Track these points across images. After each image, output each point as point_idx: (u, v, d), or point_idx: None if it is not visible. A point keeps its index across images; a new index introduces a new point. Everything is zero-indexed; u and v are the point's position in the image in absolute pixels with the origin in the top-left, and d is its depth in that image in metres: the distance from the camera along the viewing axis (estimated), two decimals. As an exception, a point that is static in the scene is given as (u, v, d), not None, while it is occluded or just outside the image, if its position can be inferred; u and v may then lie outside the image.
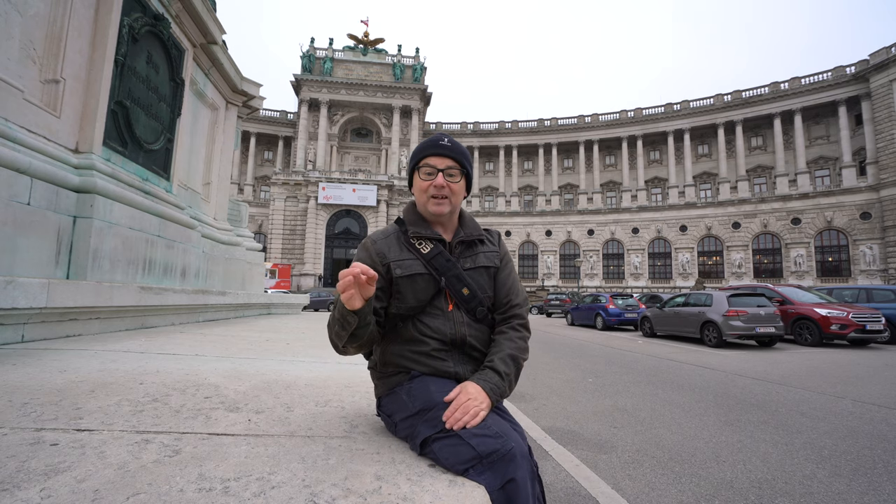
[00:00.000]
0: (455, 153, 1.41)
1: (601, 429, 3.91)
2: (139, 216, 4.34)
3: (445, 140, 1.42)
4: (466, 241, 1.46)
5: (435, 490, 1.02)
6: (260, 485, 1.01)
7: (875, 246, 35.10)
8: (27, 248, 3.05)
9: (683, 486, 2.73)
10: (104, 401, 1.65)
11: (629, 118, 48.37)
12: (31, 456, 1.11)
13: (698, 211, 43.20)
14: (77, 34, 3.75)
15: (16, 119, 3.19)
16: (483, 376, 1.27)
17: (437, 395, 1.23)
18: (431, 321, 1.36)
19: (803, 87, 40.73)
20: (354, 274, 1.11)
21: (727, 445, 3.45)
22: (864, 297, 13.10)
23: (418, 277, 1.36)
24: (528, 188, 52.27)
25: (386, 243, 1.40)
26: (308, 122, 47.16)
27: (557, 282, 46.75)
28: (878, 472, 2.94)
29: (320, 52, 49.09)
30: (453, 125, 53.62)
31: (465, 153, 1.44)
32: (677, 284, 41.69)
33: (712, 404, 4.79)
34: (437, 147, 1.40)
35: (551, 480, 2.78)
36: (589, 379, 6.38)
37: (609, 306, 17.00)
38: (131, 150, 4.53)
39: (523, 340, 1.41)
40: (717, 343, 10.61)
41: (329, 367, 2.79)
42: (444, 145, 1.41)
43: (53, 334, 3.16)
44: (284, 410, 1.69)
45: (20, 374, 2.00)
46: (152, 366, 2.42)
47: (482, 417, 1.15)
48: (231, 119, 7.77)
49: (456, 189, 1.41)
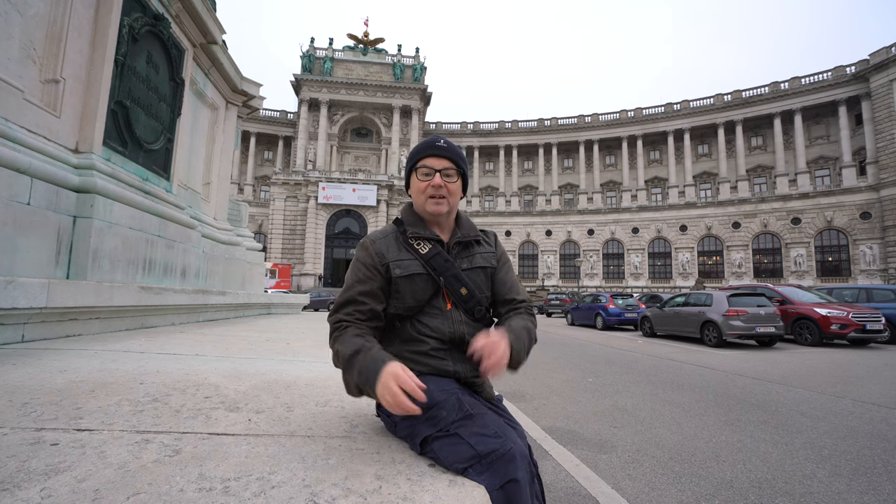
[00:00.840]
0: (451, 154, 1.43)
1: (601, 429, 3.91)
2: (139, 216, 4.34)
3: (442, 142, 1.44)
4: (463, 242, 1.47)
5: (435, 490, 1.02)
6: (260, 484, 1.01)
7: (875, 246, 35.10)
8: (27, 248, 3.05)
9: (683, 485, 2.73)
10: (104, 401, 1.65)
11: (629, 118, 48.36)
12: (32, 456, 1.11)
13: (698, 211, 43.20)
14: (77, 34, 3.74)
15: (16, 119, 3.19)
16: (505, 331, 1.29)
17: (437, 395, 1.23)
18: (430, 321, 1.37)
19: (803, 86, 40.72)
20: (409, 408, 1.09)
21: (727, 445, 3.45)
22: (864, 296, 13.10)
23: (417, 277, 1.37)
24: (528, 188, 52.26)
25: (384, 243, 1.41)
26: (308, 121, 47.15)
27: (557, 282, 46.75)
28: (878, 472, 2.94)
29: (320, 52, 49.08)
30: (453, 125, 53.61)
31: (461, 154, 1.47)
32: (677, 284, 41.69)
33: (712, 404, 4.79)
34: (434, 148, 1.43)
35: (551, 480, 2.78)
36: (589, 379, 6.39)
37: (609, 306, 17.00)
38: (131, 150, 4.53)
39: (533, 324, 1.44)
40: (717, 343, 10.61)
41: (329, 367, 2.78)
42: (441, 146, 1.43)
43: (53, 334, 3.16)
44: (284, 410, 1.69)
45: (20, 374, 2.00)
46: (152, 366, 2.42)
47: (503, 367, 1.21)
48: (231, 119, 7.77)
49: (453, 189, 1.43)
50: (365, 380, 1.16)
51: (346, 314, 1.34)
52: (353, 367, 1.21)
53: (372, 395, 1.16)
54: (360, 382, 1.19)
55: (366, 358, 1.19)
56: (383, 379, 1.11)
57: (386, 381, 1.10)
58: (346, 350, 1.23)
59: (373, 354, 1.20)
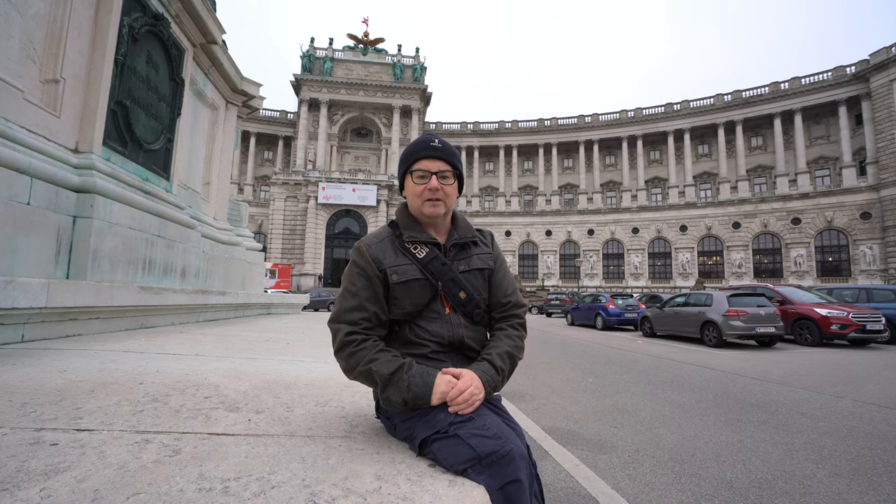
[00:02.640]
0: (447, 155, 1.40)
1: (601, 429, 3.91)
2: (139, 216, 4.34)
3: (436, 141, 1.41)
4: (460, 244, 1.46)
5: (435, 490, 1.02)
6: (260, 485, 1.01)
7: (875, 246, 35.10)
8: (27, 248, 3.04)
9: (683, 485, 2.73)
10: (104, 401, 1.65)
11: (629, 118, 48.37)
12: (31, 456, 1.11)
13: (698, 211, 43.20)
14: (77, 34, 3.74)
15: (16, 119, 3.19)
16: (482, 367, 1.30)
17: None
18: (429, 325, 1.36)
19: (803, 87, 40.73)
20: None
21: (727, 445, 3.45)
22: (864, 296, 13.09)
23: (414, 283, 1.35)
24: (528, 188, 52.26)
25: (380, 248, 1.38)
26: (308, 121, 47.15)
27: (557, 282, 46.75)
28: (878, 472, 2.94)
29: (320, 52, 49.08)
30: (453, 125, 53.60)
31: (456, 154, 1.44)
32: (677, 284, 41.69)
33: (712, 404, 4.79)
34: (429, 150, 1.39)
35: (551, 480, 2.78)
36: (589, 379, 6.38)
37: (609, 306, 16.99)
38: (131, 150, 4.53)
39: (520, 339, 1.43)
40: (717, 343, 10.60)
41: (329, 367, 2.78)
42: (436, 147, 1.40)
43: (53, 334, 3.16)
44: (284, 410, 1.69)
45: (20, 374, 2.00)
46: (152, 366, 2.42)
47: (477, 406, 1.21)
48: (231, 119, 7.77)
49: (449, 192, 1.41)
50: (416, 396, 1.20)
51: (354, 324, 1.30)
52: (398, 384, 1.22)
53: (425, 405, 1.21)
54: (410, 398, 1.21)
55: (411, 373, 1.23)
56: (442, 388, 1.20)
57: (444, 390, 1.21)
58: (384, 369, 1.23)
59: (418, 370, 1.24)
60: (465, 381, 1.22)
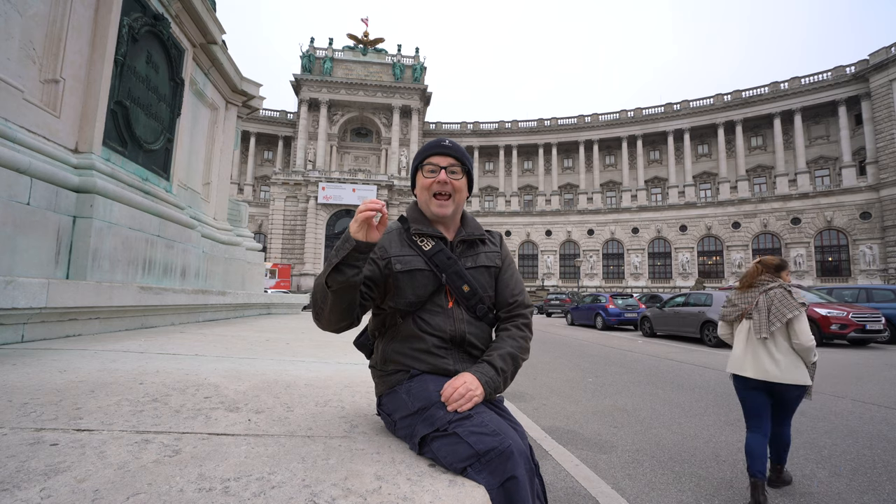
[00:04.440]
0: (456, 152, 1.47)
1: (601, 429, 3.91)
2: (139, 216, 4.34)
3: (447, 142, 1.48)
4: (468, 240, 1.48)
5: (435, 490, 1.02)
6: (260, 485, 1.01)
7: (875, 246, 35.10)
8: (27, 248, 3.04)
9: (683, 486, 2.73)
10: (104, 401, 1.65)
11: (629, 118, 48.36)
12: (31, 456, 1.11)
13: (698, 211, 43.19)
14: (77, 34, 3.74)
15: (16, 119, 3.19)
16: (480, 369, 1.31)
17: (436, 394, 1.24)
18: (431, 318, 1.37)
19: (803, 86, 40.72)
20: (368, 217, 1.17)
21: (727, 445, 3.45)
22: (864, 296, 13.10)
23: (418, 273, 1.38)
24: (528, 188, 52.25)
25: (387, 238, 1.42)
26: (308, 121, 47.14)
27: (557, 282, 46.75)
28: (878, 471, 2.94)
29: (320, 52, 49.07)
30: (453, 125, 53.59)
31: (465, 153, 1.50)
32: (677, 284, 41.68)
33: (712, 404, 4.79)
34: (440, 147, 1.46)
35: (551, 480, 2.78)
36: (589, 379, 6.38)
37: (609, 306, 17.00)
38: (131, 150, 4.53)
39: (525, 340, 1.43)
40: (717, 343, 10.59)
41: (329, 367, 2.79)
42: (446, 146, 1.47)
43: (53, 334, 3.16)
44: (284, 410, 1.69)
45: (20, 374, 2.00)
46: (152, 366, 2.42)
47: (475, 402, 1.20)
48: (231, 119, 7.77)
49: (458, 186, 1.45)
50: (342, 243, 1.19)
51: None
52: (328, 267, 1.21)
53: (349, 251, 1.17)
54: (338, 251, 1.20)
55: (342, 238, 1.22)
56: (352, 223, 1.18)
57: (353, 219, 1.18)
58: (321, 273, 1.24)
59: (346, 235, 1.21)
60: (458, 379, 1.24)
